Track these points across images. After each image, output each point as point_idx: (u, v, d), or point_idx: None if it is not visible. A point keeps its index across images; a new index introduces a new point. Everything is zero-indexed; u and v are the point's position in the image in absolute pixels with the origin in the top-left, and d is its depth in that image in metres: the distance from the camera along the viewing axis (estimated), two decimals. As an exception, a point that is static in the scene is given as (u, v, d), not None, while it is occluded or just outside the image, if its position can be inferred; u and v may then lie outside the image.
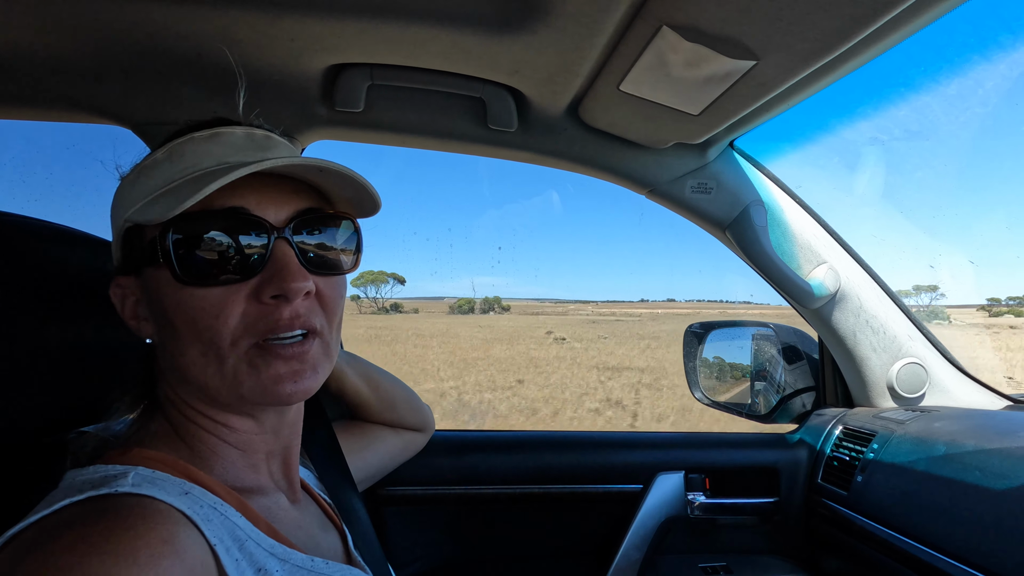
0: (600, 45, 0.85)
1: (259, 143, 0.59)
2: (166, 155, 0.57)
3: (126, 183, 0.58)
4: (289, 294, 0.53)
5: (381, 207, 0.61)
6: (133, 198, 0.56)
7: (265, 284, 0.53)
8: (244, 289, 0.53)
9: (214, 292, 0.52)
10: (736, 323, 1.70)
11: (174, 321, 0.53)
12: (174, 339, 0.54)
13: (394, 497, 1.22)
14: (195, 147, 0.57)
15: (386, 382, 0.99)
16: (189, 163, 0.56)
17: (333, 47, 0.91)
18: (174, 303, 0.53)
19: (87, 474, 0.51)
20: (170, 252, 0.51)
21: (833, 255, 1.28)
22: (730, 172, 1.22)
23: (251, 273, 0.53)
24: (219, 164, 0.55)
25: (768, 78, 0.83)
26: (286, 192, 0.57)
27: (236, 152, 0.57)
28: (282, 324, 0.53)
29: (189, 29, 0.85)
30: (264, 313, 0.53)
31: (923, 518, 0.98)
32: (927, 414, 1.18)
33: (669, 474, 1.31)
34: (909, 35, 0.80)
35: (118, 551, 0.40)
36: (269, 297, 0.53)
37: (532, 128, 1.14)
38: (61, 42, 0.89)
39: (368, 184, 0.57)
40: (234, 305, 0.53)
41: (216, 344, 0.53)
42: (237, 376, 0.54)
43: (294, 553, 0.56)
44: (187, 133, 0.58)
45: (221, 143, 0.57)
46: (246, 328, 0.53)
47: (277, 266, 0.54)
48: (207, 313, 0.52)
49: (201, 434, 0.58)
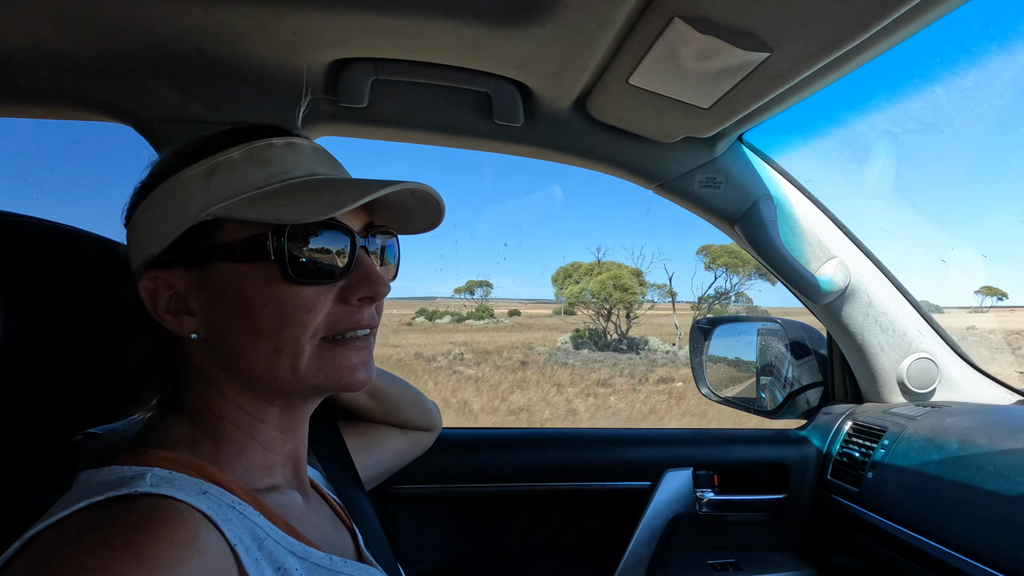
0: (609, 38, 0.83)
1: (326, 158, 0.63)
2: (246, 157, 0.57)
3: (193, 176, 0.56)
4: (376, 296, 0.60)
5: (438, 226, 0.67)
6: (215, 194, 0.55)
7: (354, 287, 0.59)
8: (332, 291, 0.58)
9: (309, 290, 0.56)
10: (743, 318, 1.70)
11: (258, 315, 0.55)
12: (244, 333, 0.56)
13: (401, 495, 1.22)
14: (278, 154, 0.59)
15: (389, 388, 0.98)
16: (278, 169, 0.58)
17: (336, 41, 0.90)
18: (264, 298, 0.55)
19: (103, 475, 0.50)
20: (284, 250, 0.54)
21: (843, 250, 1.27)
22: (739, 166, 1.20)
23: (339, 275, 0.58)
24: (311, 174, 0.59)
25: (781, 71, 0.81)
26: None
27: (316, 164, 0.61)
28: (363, 323, 0.60)
29: (190, 24, 0.84)
30: (349, 313, 0.59)
31: (935, 515, 0.98)
32: (938, 410, 1.17)
33: (677, 471, 1.30)
34: (926, 25, 0.78)
35: (140, 553, 0.40)
36: (357, 299, 0.59)
37: (538, 123, 1.12)
38: (62, 39, 0.87)
39: (443, 206, 0.64)
40: (324, 303, 0.57)
41: (297, 338, 0.56)
42: (309, 369, 0.57)
43: (313, 551, 0.56)
44: (261, 137, 0.59)
45: (301, 154, 0.60)
46: (327, 325, 0.58)
47: (365, 271, 0.59)
48: (300, 309, 0.56)
49: (233, 432, 0.58)
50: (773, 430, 1.44)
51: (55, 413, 0.62)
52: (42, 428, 0.61)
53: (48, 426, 0.62)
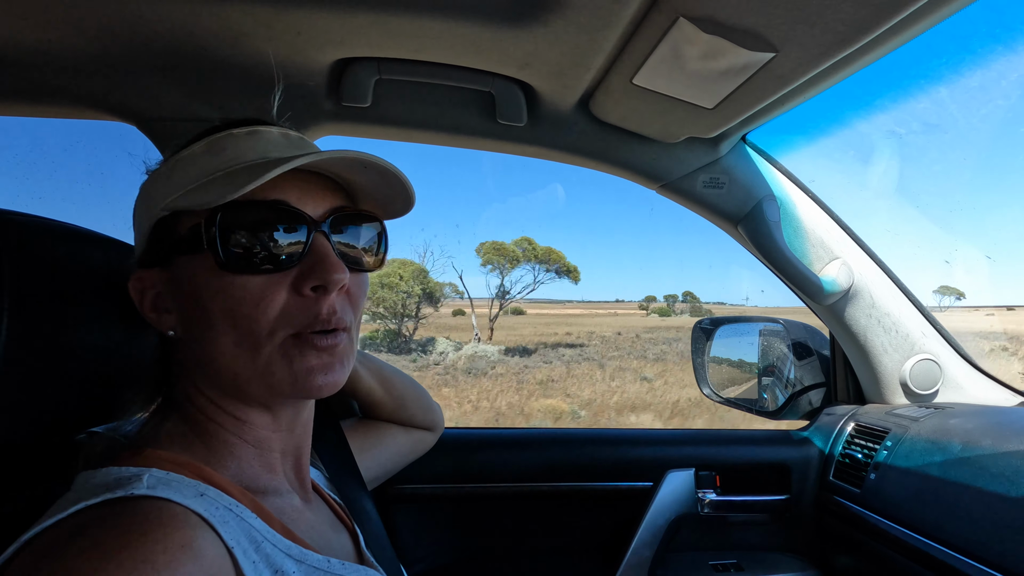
0: (614, 38, 0.83)
1: (295, 143, 0.61)
2: (205, 149, 0.57)
3: (159, 175, 0.58)
4: (329, 285, 0.54)
5: (412, 207, 0.62)
6: (169, 189, 0.56)
7: (306, 275, 0.54)
8: (285, 280, 0.54)
9: (255, 280, 0.53)
10: (745, 319, 1.69)
11: (210, 309, 0.54)
12: (206, 329, 0.54)
13: (403, 495, 1.22)
14: (235, 142, 0.57)
15: (398, 380, 0.98)
16: (230, 156, 0.56)
17: (340, 41, 0.89)
18: (212, 290, 0.53)
19: (100, 476, 0.50)
20: (216, 239, 0.52)
21: (846, 251, 1.26)
22: (743, 167, 1.20)
23: (291, 264, 0.54)
24: (262, 158, 0.56)
25: (787, 71, 0.81)
26: (321, 189, 0.58)
27: (276, 149, 0.58)
28: (321, 318, 0.55)
29: (193, 23, 0.84)
30: (304, 306, 0.55)
31: (938, 516, 0.97)
32: (941, 411, 1.17)
33: (679, 471, 1.30)
34: (931, 26, 0.78)
35: (136, 556, 0.40)
36: (309, 289, 0.54)
37: (542, 122, 1.12)
38: (66, 38, 0.87)
39: (406, 180, 0.59)
40: (275, 295, 0.54)
41: (253, 333, 0.53)
42: (270, 366, 0.54)
43: (310, 554, 0.55)
44: (224, 129, 0.58)
45: (261, 140, 0.58)
46: (286, 320, 0.54)
47: (317, 258, 0.55)
48: (248, 301, 0.53)
49: (220, 432, 0.58)
50: (775, 431, 1.44)
51: (60, 411, 0.62)
52: (47, 426, 0.61)
53: (53, 424, 0.62)
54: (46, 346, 0.60)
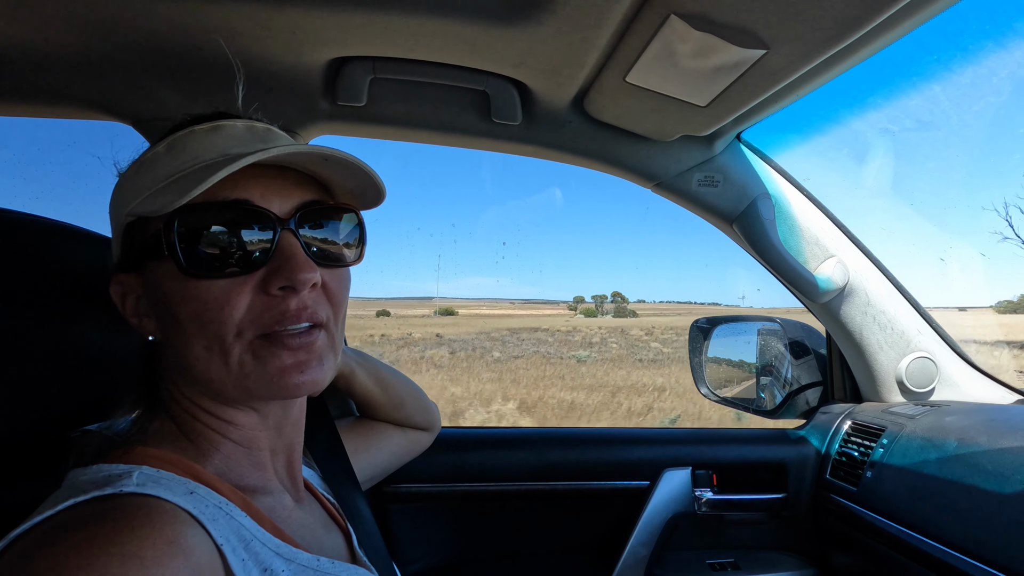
0: (607, 35, 0.83)
1: (260, 136, 0.59)
2: (166, 148, 0.56)
3: (126, 178, 0.58)
4: (297, 285, 0.53)
5: (385, 197, 0.61)
6: (134, 192, 0.56)
7: (272, 276, 0.53)
8: (250, 281, 0.53)
9: (219, 284, 0.52)
10: (742, 318, 1.69)
11: (178, 315, 0.53)
12: (178, 334, 0.54)
13: (399, 494, 1.22)
14: (196, 140, 0.56)
15: (395, 381, 0.98)
16: (190, 156, 0.55)
17: (335, 40, 0.90)
18: (179, 297, 0.52)
19: (90, 473, 0.50)
20: (175, 244, 0.51)
21: (841, 249, 1.27)
22: (737, 165, 1.20)
23: (257, 265, 0.53)
24: (221, 156, 0.55)
25: (778, 68, 0.81)
26: (290, 184, 0.56)
27: (238, 144, 0.56)
28: (290, 315, 0.53)
29: (188, 22, 0.84)
30: (271, 304, 0.53)
31: (934, 514, 0.97)
32: (937, 409, 1.17)
33: (676, 470, 1.30)
34: (921, 23, 0.79)
35: (124, 552, 0.40)
36: (277, 289, 0.53)
37: (536, 121, 1.12)
38: (60, 37, 0.88)
39: (373, 172, 0.57)
40: (240, 297, 0.52)
41: (221, 336, 0.52)
42: (243, 368, 0.53)
43: (300, 553, 0.55)
44: (188, 127, 0.57)
45: (222, 136, 0.57)
46: (252, 320, 0.53)
47: (284, 257, 0.53)
48: (212, 305, 0.52)
49: (205, 431, 0.57)
50: (772, 430, 1.43)
51: (52, 409, 0.62)
52: (39, 423, 0.61)
53: (45, 421, 0.62)
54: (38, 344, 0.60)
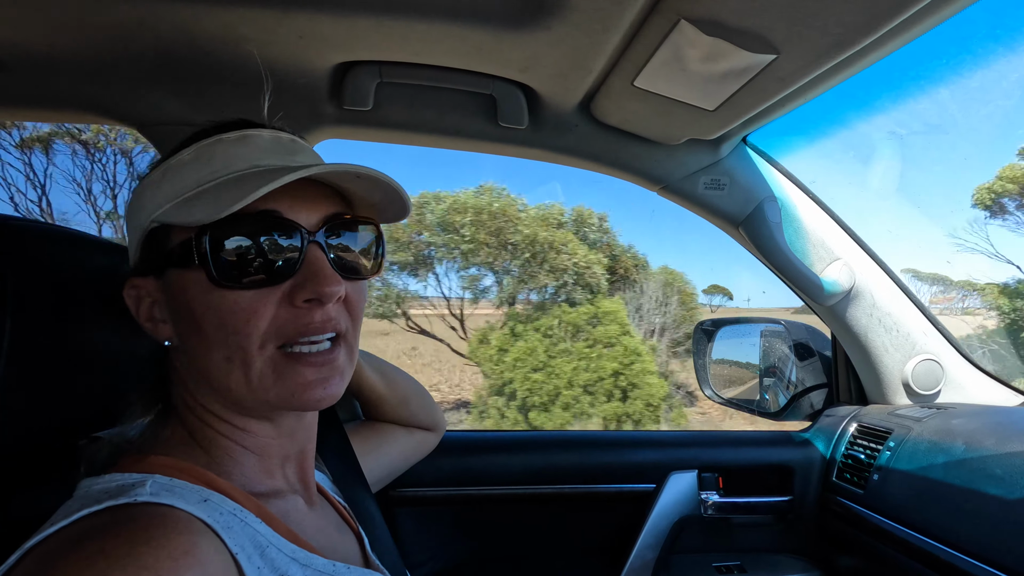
0: (615, 40, 0.83)
1: (286, 147, 0.59)
2: (193, 156, 0.56)
3: (149, 183, 0.57)
4: (324, 298, 0.54)
5: (410, 212, 0.61)
6: (160, 199, 0.55)
7: (299, 288, 0.53)
8: (276, 293, 0.53)
9: (246, 295, 0.52)
10: (746, 320, 1.69)
11: (201, 324, 0.53)
12: (199, 342, 0.54)
13: (406, 498, 1.22)
14: (224, 149, 0.56)
15: (399, 377, 0.99)
16: (219, 165, 0.55)
17: (342, 45, 0.90)
18: (203, 305, 0.53)
19: (103, 483, 0.50)
20: (207, 254, 0.51)
21: (847, 251, 1.27)
22: (743, 168, 1.20)
23: (284, 277, 0.53)
24: (251, 167, 0.55)
25: (788, 73, 0.81)
26: (315, 196, 0.57)
27: (266, 155, 0.57)
28: (313, 327, 0.54)
29: (194, 28, 0.84)
30: (296, 316, 0.54)
31: (942, 517, 0.97)
32: (943, 411, 1.17)
33: (682, 473, 1.30)
34: (931, 27, 0.78)
35: (140, 563, 0.40)
36: (303, 301, 0.53)
37: (543, 125, 1.12)
38: (67, 42, 0.88)
39: (401, 189, 0.58)
40: (266, 308, 0.53)
41: (243, 348, 0.53)
42: (263, 382, 0.54)
43: (315, 558, 0.55)
44: (213, 134, 0.57)
45: (250, 146, 0.57)
46: (276, 331, 0.53)
47: (311, 270, 0.54)
48: (238, 316, 0.52)
49: (218, 438, 0.57)
50: (778, 432, 1.43)
51: (62, 417, 0.62)
52: (49, 431, 0.61)
53: (56, 429, 0.62)
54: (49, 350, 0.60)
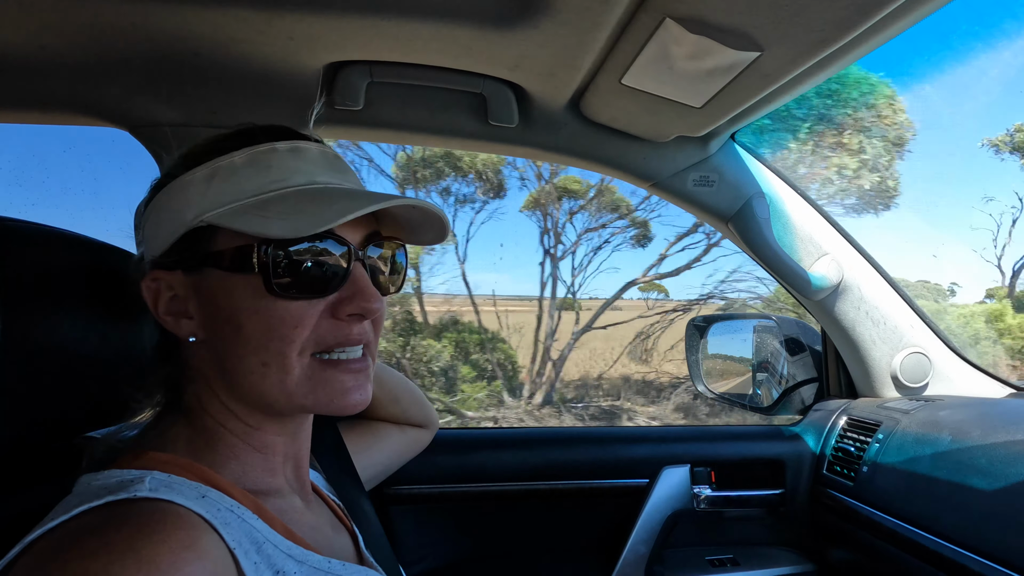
0: (602, 39, 0.84)
1: (333, 163, 0.61)
2: (247, 161, 0.56)
3: (195, 179, 0.56)
4: (367, 313, 0.57)
5: (445, 239, 0.65)
6: (212, 200, 0.55)
7: (345, 302, 0.56)
8: (321, 305, 0.56)
9: (296, 304, 0.54)
10: (738, 316, 1.71)
11: (245, 327, 0.54)
12: (235, 345, 0.55)
13: (400, 496, 1.22)
14: (280, 160, 0.57)
15: (391, 377, 0.99)
16: (277, 176, 0.56)
17: (332, 44, 0.90)
18: (250, 310, 0.54)
19: (102, 479, 0.51)
20: (268, 264, 0.53)
21: (835, 246, 1.28)
22: (732, 165, 1.22)
23: (331, 290, 0.56)
24: (310, 183, 0.57)
25: (772, 69, 0.82)
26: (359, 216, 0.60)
27: (319, 171, 0.59)
28: (352, 338, 0.57)
29: (185, 29, 0.84)
30: (336, 328, 0.57)
31: (930, 507, 0.99)
32: (931, 403, 1.19)
33: (675, 468, 1.31)
34: (913, 24, 0.80)
35: (140, 557, 0.40)
36: (346, 315, 0.56)
37: (533, 123, 1.13)
38: (57, 44, 0.88)
39: (447, 220, 0.62)
40: (311, 318, 0.55)
41: (284, 354, 0.54)
42: (300, 388, 0.56)
43: (311, 555, 0.56)
44: (265, 141, 0.58)
45: (303, 159, 0.58)
46: (316, 340, 0.56)
47: (357, 286, 0.57)
48: (286, 324, 0.54)
49: (226, 436, 0.58)
50: (769, 426, 1.45)
51: (56, 416, 0.63)
52: (44, 431, 0.62)
53: (49, 429, 0.62)
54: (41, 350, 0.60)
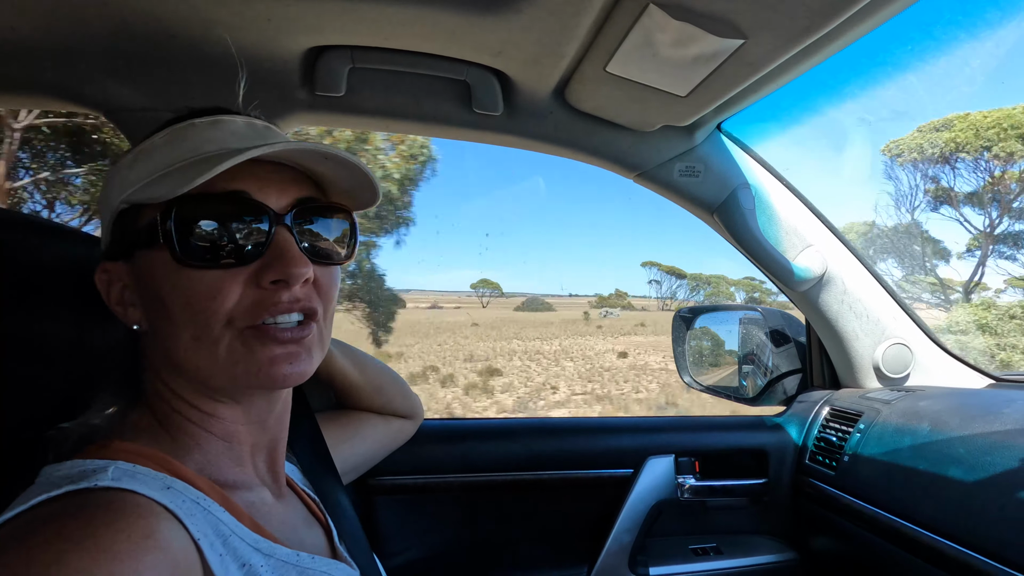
0: (586, 25, 0.83)
1: (260, 132, 0.60)
2: (165, 139, 0.57)
3: (122, 166, 0.58)
4: (290, 279, 0.54)
5: (379, 199, 0.62)
6: (131, 179, 0.56)
7: (266, 269, 0.54)
8: (243, 274, 0.54)
9: (212, 274, 0.52)
10: (724, 307, 1.72)
11: (168, 304, 0.53)
12: (167, 323, 0.54)
13: (384, 486, 1.22)
14: (197, 133, 0.57)
15: (373, 366, 0.98)
16: (190, 147, 0.56)
17: (312, 28, 0.89)
18: (169, 285, 0.53)
19: (64, 469, 0.50)
20: (171, 233, 0.51)
21: (820, 238, 1.28)
22: (718, 155, 1.21)
23: (251, 258, 0.54)
24: (222, 149, 0.55)
25: (756, 57, 0.82)
26: (286, 180, 0.57)
27: (238, 139, 0.57)
28: (281, 307, 0.54)
29: (159, 11, 0.82)
30: (262, 297, 0.54)
31: (908, 495, 1.00)
32: (912, 394, 1.20)
33: (659, 458, 1.32)
34: (895, 13, 0.80)
35: (98, 546, 0.40)
36: (269, 282, 0.54)
37: (518, 111, 1.12)
38: (30, 27, 0.85)
39: (370, 172, 0.58)
40: (232, 288, 0.53)
41: (209, 326, 0.53)
42: (231, 356, 0.54)
43: (279, 548, 0.55)
44: (187, 119, 0.58)
45: (223, 130, 0.58)
46: (243, 311, 0.53)
47: (278, 251, 0.54)
48: (203, 295, 0.52)
49: (186, 425, 0.57)
50: (753, 416, 1.46)
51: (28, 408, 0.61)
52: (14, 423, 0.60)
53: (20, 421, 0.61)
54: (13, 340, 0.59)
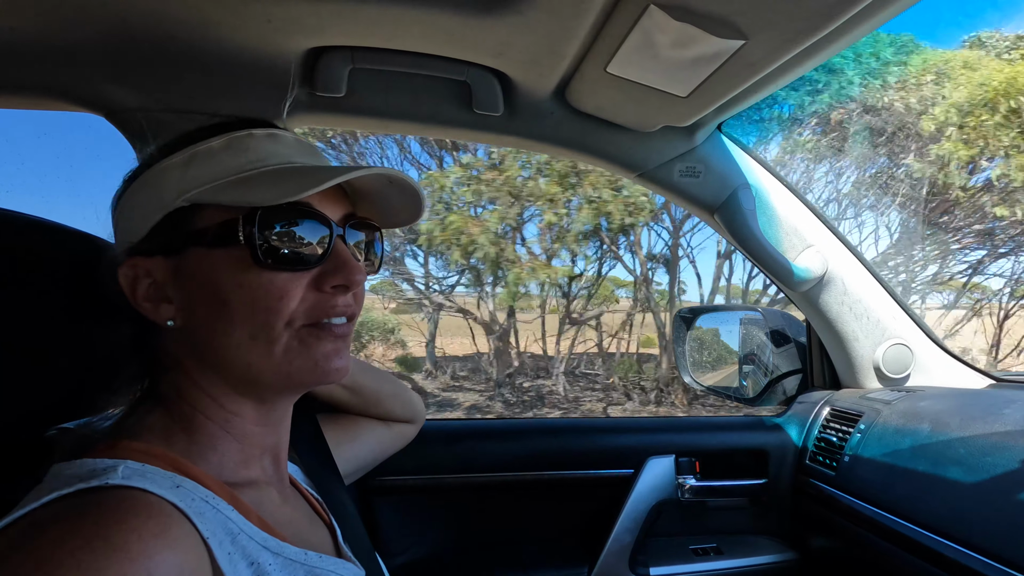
0: (587, 25, 0.83)
1: (309, 149, 0.64)
2: (225, 146, 0.59)
3: (174, 164, 0.58)
4: (352, 285, 0.60)
5: (419, 219, 0.68)
6: (190, 181, 0.57)
7: (328, 274, 0.59)
8: (306, 277, 0.58)
9: (281, 276, 0.56)
10: (725, 307, 1.72)
11: (230, 301, 0.55)
12: (221, 320, 0.56)
13: (384, 487, 1.22)
14: (257, 143, 0.60)
15: (367, 382, 0.96)
16: (255, 157, 0.59)
17: (312, 29, 0.88)
18: (235, 283, 0.55)
19: (74, 468, 0.50)
20: (254, 234, 0.55)
21: (820, 238, 1.28)
22: (718, 155, 1.21)
23: (315, 263, 0.58)
24: (287, 163, 0.60)
25: (757, 58, 0.82)
26: (338, 195, 0.62)
27: (297, 154, 0.62)
28: (337, 309, 0.60)
29: (161, 12, 0.82)
30: (321, 300, 0.59)
31: (909, 496, 1.00)
32: (912, 394, 1.20)
33: (659, 458, 1.32)
34: (897, 13, 0.79)
35: (110, 545, 0.40)
36: (331, 287, 0.59)
37: (518, 112, 1.12)
38: (29, 27, 0.85)
39: (423, 199, 0.65)
40: (296, 290, 0.57)
41: (271, 325, 0.56)
42: (288, 354, 0.57)
43: (287, 546, 0.56)
44: (242, 128, 0.60)
45: (280, 143, 0.61)
46: (303, 312, 0.58)
47: (340, 260, 0.59)
48: (272, 295, 0.56)
49: (205, 424, 0.58)
50: (753, 417, 1.46)
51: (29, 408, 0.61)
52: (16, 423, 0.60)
53: (22, 421, 0.61)
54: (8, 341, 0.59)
